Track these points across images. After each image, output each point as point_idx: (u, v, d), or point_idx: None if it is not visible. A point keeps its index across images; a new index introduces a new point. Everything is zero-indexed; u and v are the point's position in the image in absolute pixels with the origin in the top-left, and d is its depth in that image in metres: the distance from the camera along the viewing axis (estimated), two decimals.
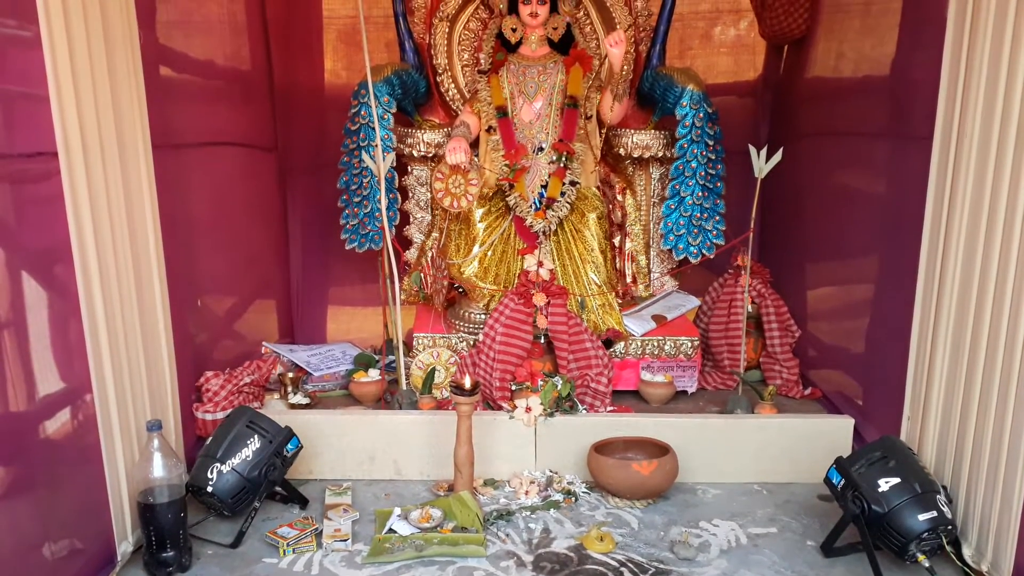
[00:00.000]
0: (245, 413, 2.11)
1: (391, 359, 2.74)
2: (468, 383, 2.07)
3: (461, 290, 2.77)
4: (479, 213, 2.65)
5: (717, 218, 2.70)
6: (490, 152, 2.72)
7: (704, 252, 2.72)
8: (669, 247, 2.74)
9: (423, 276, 2.85)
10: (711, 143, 2.62)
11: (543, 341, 2.56)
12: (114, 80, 1.81)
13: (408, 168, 2.92)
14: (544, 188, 2.65)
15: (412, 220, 2.96)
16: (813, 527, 2.07)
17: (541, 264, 2.60)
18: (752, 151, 2.39)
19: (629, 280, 2.84)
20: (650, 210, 2.90)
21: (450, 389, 2.12)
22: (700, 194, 2.65)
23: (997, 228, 1.74)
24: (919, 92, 2.04)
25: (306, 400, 2.54)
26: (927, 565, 1.82)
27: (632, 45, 2.82)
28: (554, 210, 2.62)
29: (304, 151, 3.14)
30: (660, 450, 2.21)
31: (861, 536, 1.87)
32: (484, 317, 2.62)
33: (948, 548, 1.83)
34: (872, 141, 2.38)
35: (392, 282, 2.51)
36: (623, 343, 2.66)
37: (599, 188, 2.78)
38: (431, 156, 2.86)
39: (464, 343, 2.67)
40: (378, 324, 2.91)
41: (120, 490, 1.84)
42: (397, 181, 2.77)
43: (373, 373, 2.60)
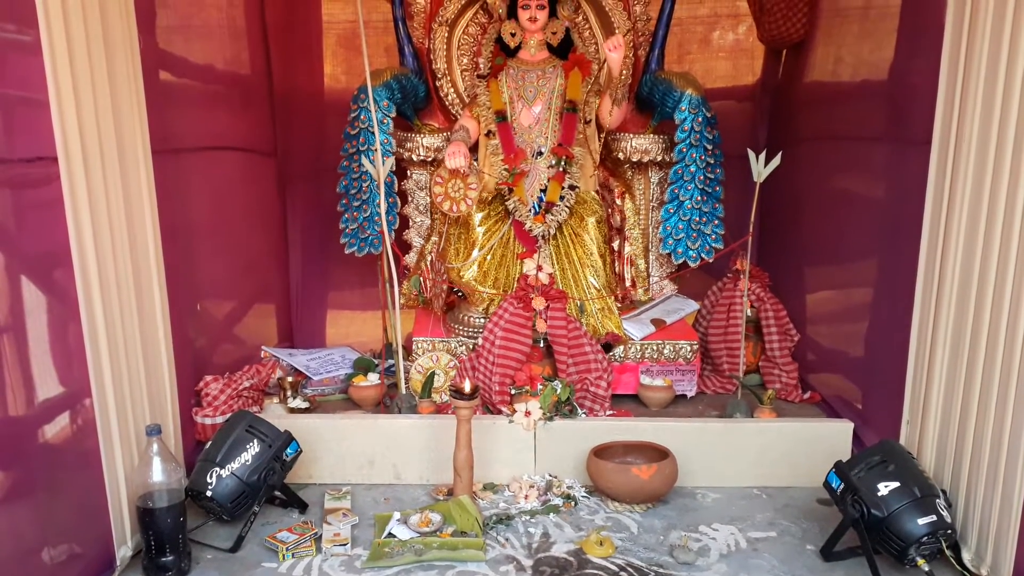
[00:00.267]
0: (244, 417, 2.11)
1: (390, 363, 2.74)
2: (467, 387, 2.07)
3: (460, 294, 2.77)
4: (478, 217, 2.65)
5: (716, 222, 2.71)
6: (489, 156, 2.73)
7: (703, 256, 2.72)
8: (668, 251, 2.75)
9: (422, 280, 2.85)
10: (710, 147, 2.63)
11: (542, 345, 2.56)
12: (114, 85, 1.82)
13: (407, 172, 2.92)
14: (543, 192, 2.65)
15: (411, 224, 2.96)
16: (813, 531, 2.07)
17: (540, 268, 2.60)
18: (751, 155, 2.39)
19: (628, 284, 2.84)
20: (649, 214, 2.90)
21: (449, 393, 2.12)
22: (699, 198, 2.66)
23: (995, 232, 1.74)
24: (917, 96, 2.04)
25: (305, 404, 2.54)
26: (927, 569, 1.82)
27: (631, 49, 2.83)
28: (553, 214, 2.62)
29: (304, 155, 3.14)
30: (659, 454, 2.21)
31: (861, 540, 1.87)
32: (483, 321, 2.62)
33: (948, 552, 1.82)
34: (871, 145, 2.38)
35: (391, 286, 2.51)
36: (622, 347, 2.66)
37: (598, 192, 2.78)
38: (430, 160, 2.86)
39: (463, 347, 2.67)
40: (377, 328, 2.91)
41: (119, 494, 1.84)
42: (396, 185, 2.77)
43: (372, 377, 2.60)
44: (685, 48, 3.20)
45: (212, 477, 2.00)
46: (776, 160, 2.37)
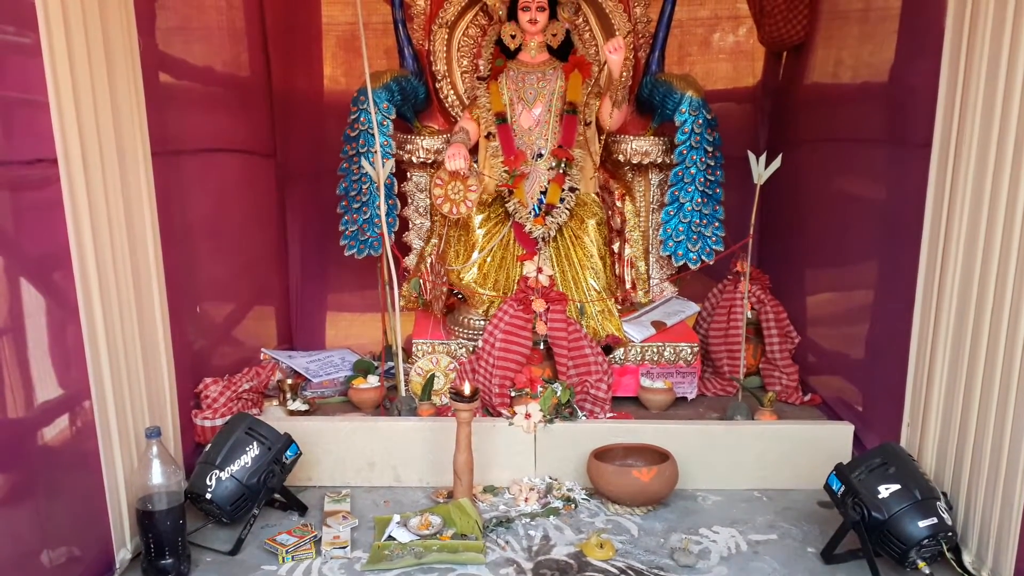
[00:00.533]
0: (244, 420, 2.11)
1: (390, 365, 2.73)
2: (467, 390, 2.07)
3: (460, 296, 2.77)
4: (478, 219, 2.65)
5: (716, 224, 2.70)
6: (489, 158, 2.73)
7: (703, 258, 2.72)
8: (668, 253, 2.74)
9: (422, 282, 2.85)
10: (710, 149, 2.63)
11: (542, 347, 2.56)
12: (113, 87, 1.82)
13: (407, 174, 2.92)
14: (543, 194, 2.65)
15: (411, 226, 2.96)
16: (813, 534, 2.07)
17: (540, 270, 2.60)
18: (751, 157, 2.39)
19: (628, 286, 2.84)
20: (649, 216, 2.90)
21: (449, 395, 2.12)
22: (699, 200, 2.66)
23: (996, 234, 1.74)
24: (918, 99, 2.04)
25: (305, 407, 2.53)
26: (927, 572, 1.82)
27: (631, 51, 2.82)
28: (553, 216, 2.62)
29: (303, 157, 3.14)
30: (660, 456, 2.21)
31: (861, 543, 1.87)
32: (483, 323, 2.61)
33: (948, 555, 1.82)
34: (871, 147, 2.38)
35: (391, 288, 2.51)
36: (623, 349, 2.66)
37: (598, 194, 2.78)
38: (430, 162, 2.86)
39: (463, 349, 2.66)
40: (377, 330, 2.91)
41: (119, 497, 1.84)
42: (396, 187, 2.77)
43: (372, 379, 2.59)
44: (685, 50, 3.20)
45: (211, 480, 2.00)
46: (776, 162, 2.37)
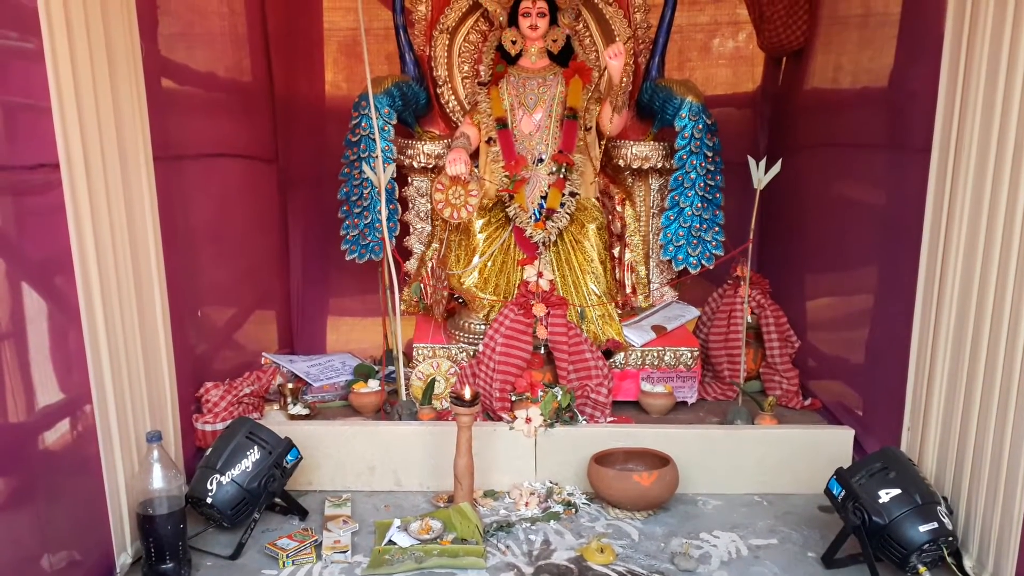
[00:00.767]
0: (245, 424, 2.11)
1: (391, 370, 2.74)
2: (468, 394, 2.07)
3: (461, 301, 2.78)
4: (479, 224, 2.66)
5: (716, 229, 2.71)
6: (490, 163, 2.73)
7: (703, 263, 2.72)
8: (668, 258, 2.75)
9: (423, 287, 2.86)
10: (710, 154, 2.63)
11: (543, 352, 2.56)
12: (116, 92, 1.82)
13: (408, 179, 2.92)
14: (544, 199, 2.66)
15: (412, 231, 2.96)
16: (814, 538, 2.07)
17: (541, 275, 2.60)
18: (751, 162, 2.39)
19: (629, 291, 2.85)
20: (649, 221, 2.90)
21: (450, 400, 2.12)
22: (699, 205, 2.66)
23: (996, 239, 1.74)
24: (917, 103, 2.05)
25: (306, 411, 2.54)
26: None
27: (631, 57, 2.83)
28: (554, 221, 2.63)
29: (305, 162, 3.15)
30: (660, 461, 2.21)
31: (862, 547, 1.87)
32: (484, 328, 2.62)
33: (949, 559, 1.82)
34: (871, 153, 2.39)
35: (392, 293, 2.51)
36: (623, 354, 2.66)
37: (599, 199, 2.78)
38: (431, 167, 2.87)
39: (464, 354, 2.67)
40: (378, 335, 2.92)
41: (119, 501, 1.84)
42: (397, 192, 2.78)
43: (373, 384, 2.60)
44: (685, 55, 3.21)
45: (212, 484, 2.00)
46: (776, 167, 2.37)
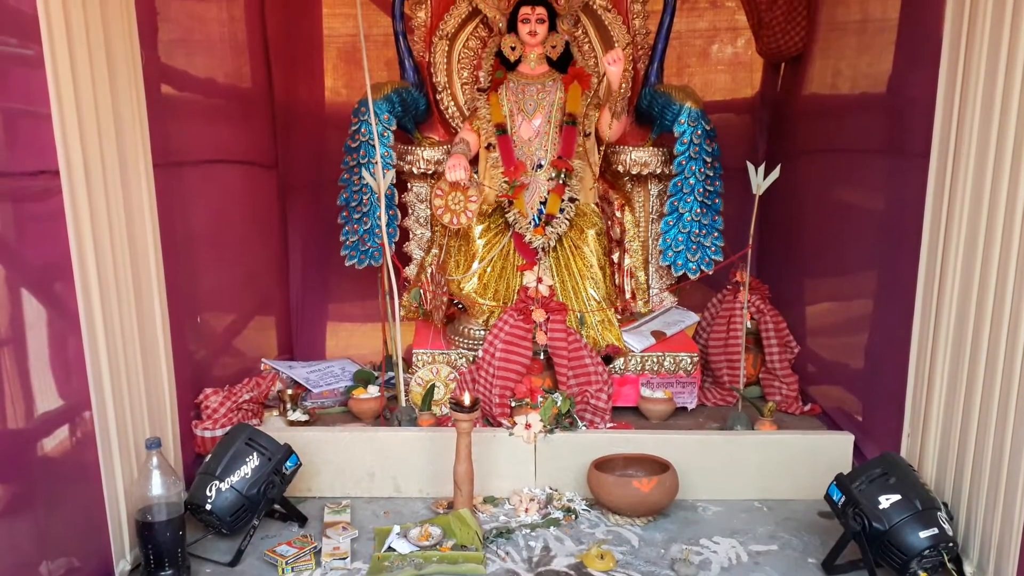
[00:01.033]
0: (244, 430, 2.11)
1: (390, 375, 2.73)
2: (467, 400, 2.07)
3: (460, 306, 2.78)
4: (478, 230, 2.66)
5: (715, 234, 2.71)
6: (489, 169, 2.74)
7: (703, 268, 2.72)
8: (668, 263, 2.75)
9: (422, 292, 2.85)
10: (709, 160, 2.64)
11: (542, 357, 2.56)
12: (116, 98, 1.83)
13: (408, 185, 2.93)
14: (543, 205, 2.66)
15: (412, 236, 2.96)
16: (814, 544, 2.06)
17: (540, 280, 2.60)
18: (750, 168, 2.40)
19: (628, 296, 2.85)
20: (649, 226, 2.90)
21: (449, 406, 2.12)
22: (698, 210, 2.66)
23: (995, 243, 1.74)
24: (916, 109, 2.05)
25: (305, 417, 2.53)
26: None
27: (630, 63, 2.84)
28: (553, 226, 2.63)
29: (304, 168, 3.15)
30: (660, 467, 2.20)
31: (862, 553, 1.86)
32: (483, 333, 2.62)
33: (949, 565, 1.82)
34: (869, 158, 2.39)
35: (391, 298, 2.51)
36: (622, 359, 2.66)
37: (598, 205, 2.79)
38: (431, 173, 2.87)
39: (463, 359, 2.67)
40: (377, 340, 2.91)
41: (118, 508, 1.84)
42: (397, 198, 2.78)
43: (372, 390, 2.59)
44: (684, 61, 3.22)
45: (211, 490, 2.00)
46: (775, 172, 2.38)
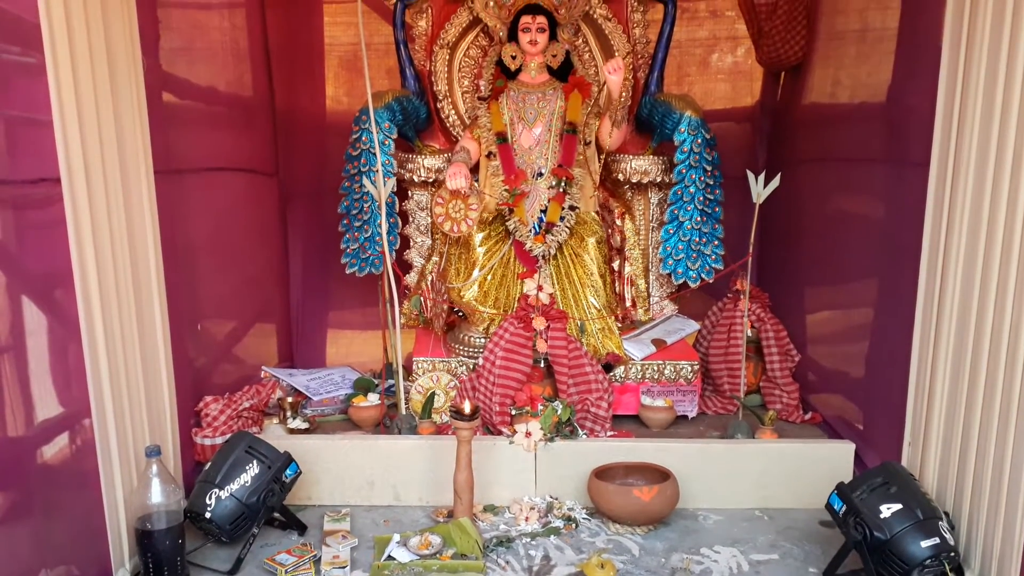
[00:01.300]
0: (244, 438, 2.10)
1: (390, 383, 2.73)
2: (468, 408, 2.07)
3: (461, 314, 2.78)
4: (479, 237, 2.66)
5: (716, 243, 2.71)
6: (490, 177, 2.74)
7: (703, 276, 2.72)
8: (668, 271, 2.75)
9: (423, 300, 2.85)
10: (709, 168, 2.64)
11: (543, 365, 2.56)
12: (117, 106, 1.83)
13: (408, 193, 2.93)
14: (543, 213, 2.66)
15: (412, 244, 2.97)
16: (815, 553, 2.06)
17: (541, 288, 2.60)
18: (750, 176, 2.40)
19: (628, 304, 2.85)
20: (649, 234, 2.91)
21: (450, 414, 2.11)
22: (698, 219, 2.67)
23: (995, 252, 1.74)
24: (915, 117, 2.05)
25: (305, 425, 2.53)
26: None
27: (630, 72, 2.85)
28: (553, 234, 2.63)
29: (305, 176, 3.16)
30: (661, 475, 2.20)
31: (863, 563, 1.86)
32: (484, 341, 2.62)
33: (951, 575, 1.81)
34: (869, 166, 2.40)
35: (392, 306, 2.51)
36: (623, 367, 2.66)
37: (598, 213, 2.79)
38: (431, 181, 2.87)
39: (464, 367, 2.66)
40: (378, 348, 2.91)
41: (118, 516, 1.83)
42: (397, 206, 2.78)
43: (372, 398, 2.59)
44: (684, 70, 3.23)
45: (211, 498, 1.99)
46: (775, 181, 2.38)
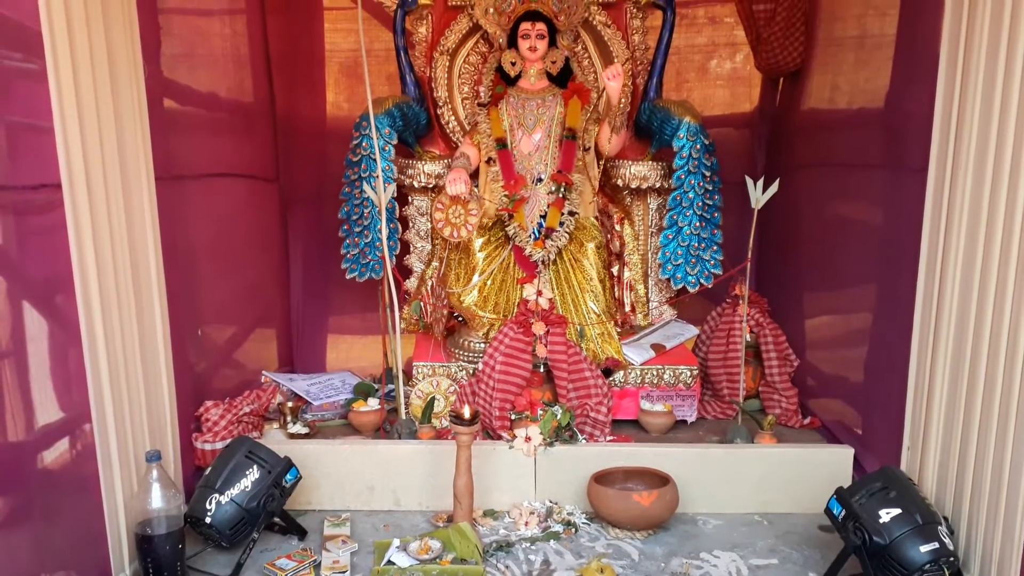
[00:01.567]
0: (244, 443, 2.11)
1: (391, 388, 2.73)
2: (467, 413, 2.07)
3: (461, 319, 2.78)
4: (479, 243, 2.67)
5: (715, 248, 2.72)
6: (490, 183, 2.75)
7: (702, 281, 2.73)
8: (667, 276, 2.75)
9: (423, 305, 2.86)
10: (708, 174, 2.65)
11: (542, 370, 2.56)
12: (118, 112, 1.84)
13: (409, 198, 2.94)
14: (543, 218, 2.67)
15: (412, 249, 2.97)
16: (814, 558, 2.06)
17: (540, 293, 2.61)
18: (749, 182, 2.41)
19: (628, 309, 2.85)
20: (648, 240, 2.91)
21: (449, 419, 2.12)
22: (698, 224, 2.67)
23: (993, 257, 1.75)
24: (913, 124, 2.06)
25: (305, 430, 2.53)
26: None
27: (630, 78, 2.86)
28: (553, 240, 2.64)
29: (306, 182, 3.16)
30: (660, 480, 2.20)
31: (863, 568, 1.86)
32: (484, 346, 2.62)
33: None
34: (868, 172, 2.40)
35: (392, 311, 2.51)
36: (622, 372, 2.66)
37: (597, 218, 2.79)
38: (431, 187, 2.88)
39: (464, 372, 2.67)
40: (378, 353, 2.91)
41: (118, 521, 1.83)
42: (398, 211, 2.79)
43: (372, 402, 2.59)
44: (683, 76, 3.24)
45: (211, 503, 2.00)
46: (774, 187, 2.39)
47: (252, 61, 2.84)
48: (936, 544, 1.79)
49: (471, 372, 2.65)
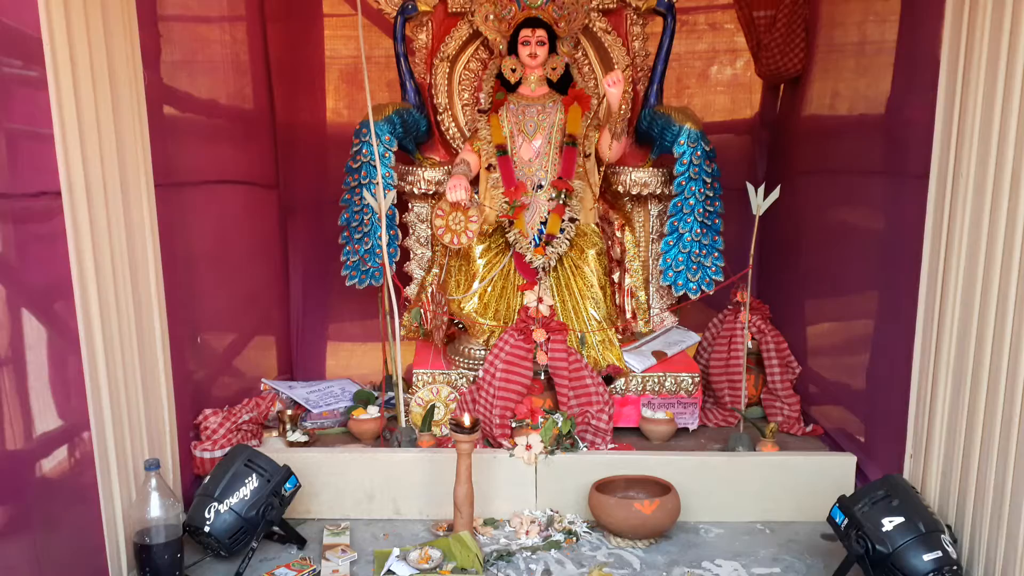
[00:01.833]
0: (243, 451, 2.10)
1: (390, 396, 2.73)
2: (468, 421, 2.06)
3: (461, 326, 2.77)
4: (479, 249, 2.66)
5: (716, 254, 2.71)
6: (490, 189, 2.75)
7: (703, 288, 2.72)
8: (668, 283, 2.75)
9: (423, 312, 2.85)
10: (709, 180, 2.65)
11: (543, 377, 2.55)
12: (118, 120, 1.84)
13: (409, 205, 2.94)
14: (543, 225, 2.67)
15: (412, 256, 2.97)
16: (817, 567, 2.04)
17: (541, 300, 2.60)
18: (750, 188, 2.40)
19: (629, 316, 2.85)
20: (649, 246, 2.91)
21: (450, 426, 2.11)
22: (698, 231, 2.67)
23: (995, 264, 1.74)
24: (914, 130, 2.06)
25: (305, 438, 2.52)
26: None
27: (630, 84, 2.86)
28: (553, 246, 2.63)
29: (305, 189, 3.16)
30: (662, 488, 2.19)
31: None
32: (484, 353, 2.61)
33: None
34: (869, 178, 2.40)
35: (392, 318, 2.51)
36: (623, 379, 2.65)
37: (598, 225, 2.79)
38: (432, 193, 2.88)
39: (464, 379, 2.66)
40: (377, 360, 2.91)
41: (116, 530, 1.83)
42: (398, 218, 2.79)
43: (372, 410, 2.58)
44: (684, 83, 3.24)
45: (210, 512, 1.99)
46: (775, 193, 2.38)
47: (252, 68, 2.84)
48: (939, 553, 1.78)
49: (471, 379, 2.64)
